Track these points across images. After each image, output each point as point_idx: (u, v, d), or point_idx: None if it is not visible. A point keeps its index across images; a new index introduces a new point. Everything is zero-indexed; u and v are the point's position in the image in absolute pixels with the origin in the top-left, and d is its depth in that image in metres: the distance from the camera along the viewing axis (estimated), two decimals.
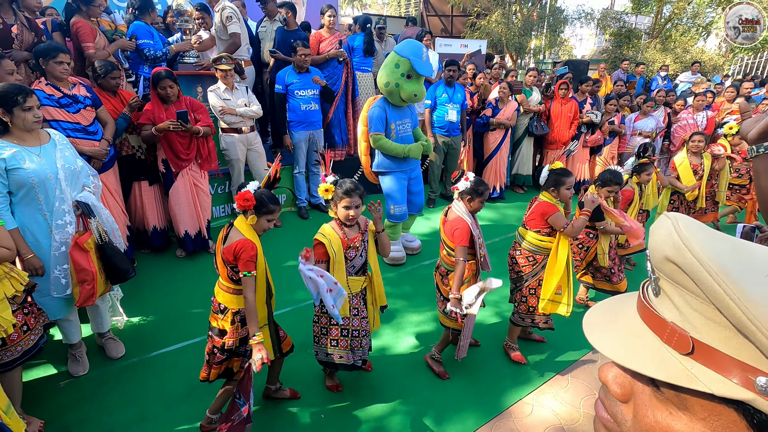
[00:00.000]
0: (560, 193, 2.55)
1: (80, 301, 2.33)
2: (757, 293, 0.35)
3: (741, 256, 0.38)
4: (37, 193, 2.24)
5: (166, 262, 3.84)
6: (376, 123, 3.58)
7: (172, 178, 3.62)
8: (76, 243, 2.27)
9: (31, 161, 2.21)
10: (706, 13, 13.71)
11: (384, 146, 3.60)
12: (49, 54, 2.81)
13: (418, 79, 3.54)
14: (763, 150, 1.01)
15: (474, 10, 12.92)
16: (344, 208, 2.13)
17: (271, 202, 2.00)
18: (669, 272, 0.40)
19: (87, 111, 3.07)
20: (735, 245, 0.39)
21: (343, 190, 2.12)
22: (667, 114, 6.22)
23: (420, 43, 3.57)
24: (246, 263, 1.92)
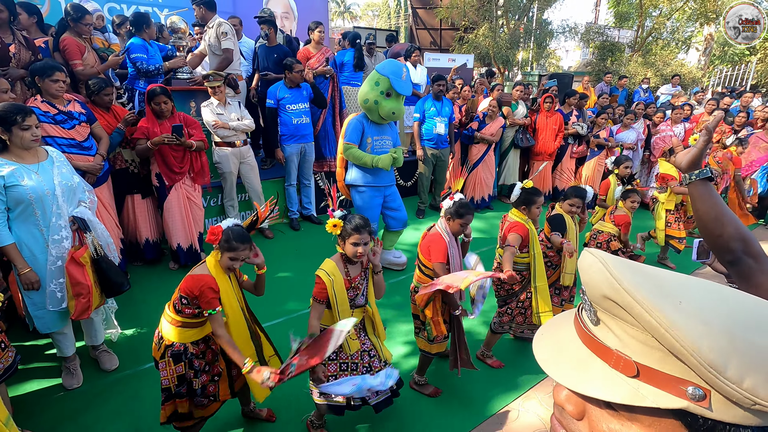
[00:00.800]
0: (530, 212, 2.64)
1: (76, 314, 2.37)
2: (679, 319, 0.42)
3: (656, 285, 0.45)
4: (35, 209, 2.29)
5: (159, 274, 3.88)
6: (350, 132, 3.64)
7: (165, 192, 3.68)
8: (72, 257, 2.33)
9: (29, 178, 2.26)
10: (685, 28, 14.19)
11: (353, 154, 3.63)
12: (45, 72, 2.88)
13: (397, 97, 3.60)
14: (694, 177, 1.12)
15: (462, 24, 13.22)
16: (353, 245, 2.03)
17: (236, 240, 1.90)
18: (607, 307, 0.47)
19: (82, 127, 3.14)
20: (648, 275, 0.47)
21: (353, 226, 2.03)
22: (647, 126, 6.44)
23: (400, 63, 3.65)
24: (208, 302, 1.85)
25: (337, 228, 2.07)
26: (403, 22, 30.68)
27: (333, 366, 2.15)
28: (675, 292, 0.45)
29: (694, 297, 0.44)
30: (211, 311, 1.86)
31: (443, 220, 2.46)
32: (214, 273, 1.92)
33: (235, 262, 1.93)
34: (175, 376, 1.97)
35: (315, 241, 4.59)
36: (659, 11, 13.60)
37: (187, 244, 3.82)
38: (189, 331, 1.97)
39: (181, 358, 1.96)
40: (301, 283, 3.84)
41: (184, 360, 1.98)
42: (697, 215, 1.11)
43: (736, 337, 0.41)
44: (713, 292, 0.46)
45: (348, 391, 2.02)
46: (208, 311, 1.85)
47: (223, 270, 1.95)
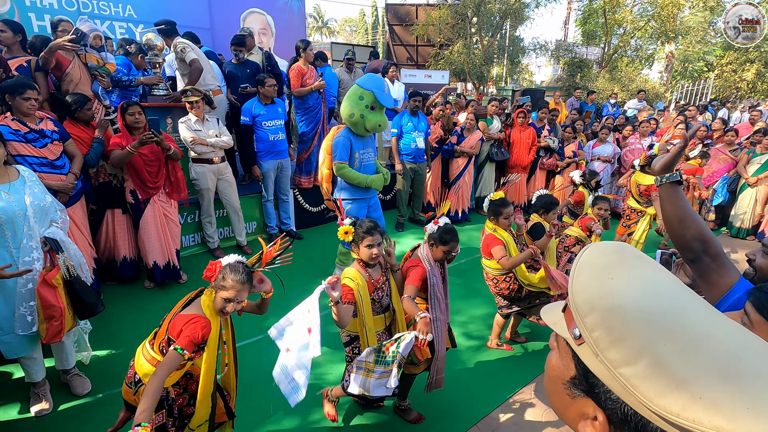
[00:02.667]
0: (499, 222, 2.77)
1: (48, 338, 2.30)
2: (586, 281, 0.53)
3: (606, 264, 0.55)
4: (5, 231, 2.23)
5: (134, 293, 3.79)
6: (341, 151, 3.68)
7: (140, 208, 3.62)
8: (44, 279, 2.26)
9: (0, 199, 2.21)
10: (647, 46, 14.96)
11: (347, 175, 3.69)
12: (16, 90, 2.82)
13: (381, 110, 3.71)
14: (665, 180, 1.21)
15: (438, 40, 13.57)
16: (367, 247, 2.07)
17: (233, 280, 1.72)
18: None
19: (54, 145, 3.07)
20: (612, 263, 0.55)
21: (364, 229, 2.08)
22: (616, 140, 6.72)
23: (381, 78, 3.77)
24: (186, 341, 1.62)
25: (349, 234, 2.11)
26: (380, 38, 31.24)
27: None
28: (616, 271, 0.52)
29: (628, 276, 0.51)
30: (178, 348, 1.60)
31: (426, 246, 2.35)
32: (207, 315, 1.72)
33: (228, 304, 1.72)
34: (153, 427, 1.71)
35: (294, 257, 4.56)
36: (623, 30, 14.30)
37: (164, 262, 3.76)
38: (173, 374, 1.72)
39: (162, 405, 1.77)
40: (282, 299, 3.80)
41: (165, 407, 1.78)
42: (664, 215, 1.20)
43: (608, 300, 0.49)
44: (652, 280, 0.51)
45: (380, 393, 2.01)
46: (176, 347, 1.60)
47: (215, 312, 1.75)
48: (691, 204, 4.90)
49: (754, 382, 0.41)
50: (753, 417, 0.39)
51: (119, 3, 6.42)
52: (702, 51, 15.87)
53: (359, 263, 2.15)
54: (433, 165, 5.85)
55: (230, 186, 4.31)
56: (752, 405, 0.40)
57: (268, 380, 2.85)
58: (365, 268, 2.14)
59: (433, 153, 5.78)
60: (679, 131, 6.66)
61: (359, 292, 2.08)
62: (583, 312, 0.51)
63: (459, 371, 3.00)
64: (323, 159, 3.88)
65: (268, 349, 3.17)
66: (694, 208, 5.01)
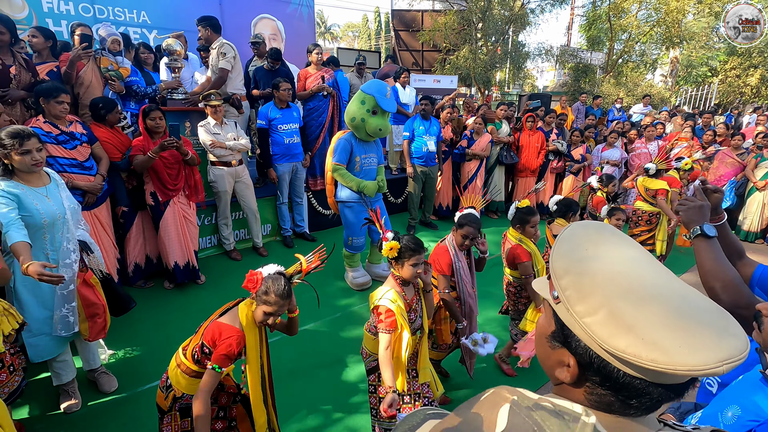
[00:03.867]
0: (525, 231, 2.73)
1: (93, 335, 2.36)
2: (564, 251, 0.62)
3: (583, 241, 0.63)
4: (45, 233, 2.26)
5: (155, 294, 3.84)
6: (339, 153, 3.76)
7: (160, 210, 3.69)
8: (84, 279, 2.32)
9: (42, 202, 2.24)
10: (652, 51, 15.05)
11: (342, 176, 3.77)
12: (51, 94, 2.90)
13: (383, 114, 3.75)
14: (688, 236, 1.26)
15: (444, 46, 13.68)
16: (412, 266, 1.96)
17: (277, 294, 1.68)
18: None
19: (83, 147, 3.16)
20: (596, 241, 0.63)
21: (412, 247, 1.96)
22: (624, 144, 6.78)
23: (384, 82, 3.82)
24: (221, 358, 1.63)
25: (394, 251, 1.97)
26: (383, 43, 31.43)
27: (407, 397, 2.08)
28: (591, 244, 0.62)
29: (602, 248, 0.61)
30: (215, 366, 1.62)
31: (452, 232, 2.51)
32: (244, 325, 1.71)
33: (269, 317, 1.71)
34: (179, 430, 1.76)
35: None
36: (628, 35, 14.40)
37: (183, 262, 3.82)
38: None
39: (189, 413, 1.75)
40: (296, 300, 3.87)
41: (190, 416, 1.75)
42: (699, 267, 1.23)
43: (580, 266, 0.59)
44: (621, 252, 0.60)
45: None
46: (213, 365, 1.62)
47: (255, 323, 1.74)
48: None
49: (689, 328, 0.51)
50: (684, 353, 0.50)
51: (134, 9, 6.52)
52: (706, 56, 15.95)
53: (396, 281, 2.01)
54: (444, 168, 5.91)
55: (248, 188, 4.38)
56: (684, 344, 0.50)
57: (289, 378, 2.91)
58: (402, 287, 2.02)
59: (443, 156, 5.84)
60: (686, 134, 6.72)
61: (401, 316, 1.94)
62: (560, 275, 0.61)
63: (475, 370, 3.05)
64: (328, 162, 3.94)
65: (288, 347, 3.23)
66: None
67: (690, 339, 0.51)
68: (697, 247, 1.22)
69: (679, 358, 0.50)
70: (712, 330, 0.51)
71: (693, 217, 1.24)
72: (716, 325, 0.52)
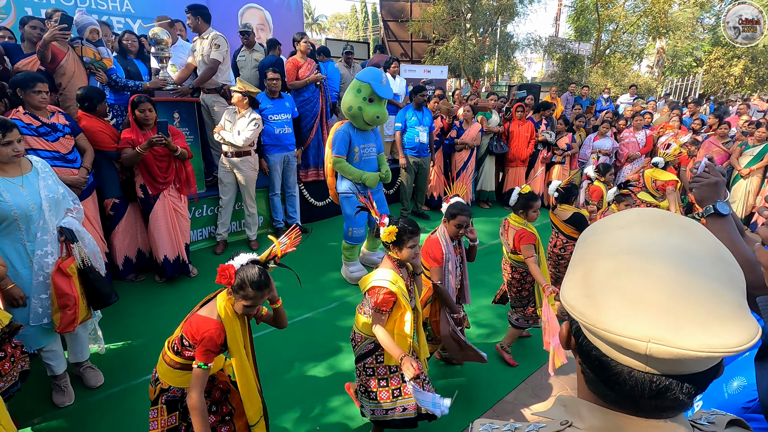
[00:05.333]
0: (528, 216, 2.77)
1: (61, 327, 2.31)
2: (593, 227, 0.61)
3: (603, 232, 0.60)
4: (19, 224, 2.21)
5: (146, 287, 3.79)
6: (338, 145, 3.72)
7: (150, 203, 3.62)
8: (59, 268, 2.26)
9: (13, 192, 2.19)
10: (638, 41, 15.17)
11: (343, 169, 3.74)
12: (28, 84, 2.82)
13: (380, 102, 3.72)
14: (698, 215, 1.22)
15: (432, 36, 13.61)
16: (411, 248, 1.99)
17: (252, 287, 1.61)
18: None
19: (66, 139, 3.07)
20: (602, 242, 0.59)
21: (410, 230, 1.98)
22: (613, 133, 6.84)
23: (379, 69, 3.78)
24: (203, 353, 1.60)
25: (392, 235, 1.98)
26: (371, 34, 31.15)
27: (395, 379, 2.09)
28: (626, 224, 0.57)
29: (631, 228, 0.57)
30: (201, 364, 1.60)
31: (442, 225, 2.52)
32: (223, 317, 1.67)
33: (250, 309, 1.68)
34: (165, 429, 1.73)
35: (301, 250, 4.59)
36: (615, 25, 14.48)
37: (173, 256, 3.77)
38: (188, 374, 1.70)
39: (176, 407, 1.75)
40: (290, 291, 3.85)
41: (179, 409, 1.76)
42: None
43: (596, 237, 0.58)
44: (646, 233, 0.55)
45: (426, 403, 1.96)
46: (198, 363, 1.61)
47: (235, 314, 1.70)
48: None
49: (636, 299, 0.49)
50: (612, 317, 0.49)
51: None
52: (691, 46, 16.12)
53: (393, 263, 2.03)
54: (435, 158, 5.91)
55: (244, 181, 4.35)
56: (618, 309, 0.49)
57: (284, 369, 2.90)
58: (399, 269, 2.04)
59: (434, 146, 5.83)
60: (674, 122, 6.80)
61: (403, 297, 1.96)
62: (578, 245, 0.61)
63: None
64: (327, 154, 3.91)
65: (283, 338, 3.22)
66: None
67: (624, 306, 0.48)
68: (710, 226, 1.16)
69: (603, 316, 0.49)
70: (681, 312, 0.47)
71: (706, 194, 1.19)
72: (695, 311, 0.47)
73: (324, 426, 2.47)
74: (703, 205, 1.20)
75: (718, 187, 1.19)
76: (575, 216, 3.17)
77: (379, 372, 2.07)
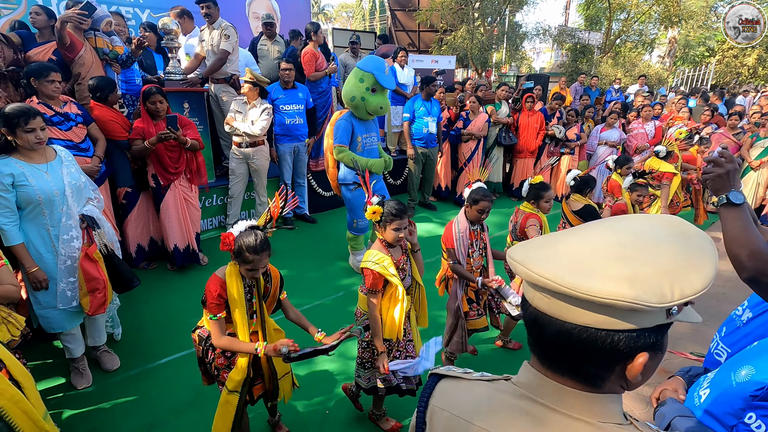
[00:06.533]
0: (539, 206, 2.79)
1: (92, 310, 2.39)
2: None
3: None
4: (43, 209, 2.30)
5: (158, 275, 3.87)
6: (341, 135, 3.65)
7: (161, 193, 3.68)
8: (86, 254, 2.34)
9: (38, 178, 2.27)
10: (649, 30, 14.91)
11: (347, 157, 3.66)
12: (41, 73, 2.86)
13: (383, 92, 3.66)
14: (713, 205, 1.23)
15: (440, 26, 13.47)
16: (394, 230, 2.06)
17: (249, 251, 1.74)
18: None
19: (78, 128, 3.13)
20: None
21: (393, 212, 2.06)
22: (621, 124, 6.78)
23: (382, 59, 3.71)
24: (211, 306, 1.81)
25: (377, 214, 2.07)
26: (378, 23, 30.83)
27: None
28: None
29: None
30: (211, 316, 1.82)
31: (464, 208, 2.56)
32: (227, 273, 1.84)
33: (255, 272, 1.81)
34: (200, 350, 2.02)
35: (310, 240, 4.66)
36: (627, 14, 14.24)
37: (183, 245, 3.83)
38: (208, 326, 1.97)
39: (202, 343, 2.00)
40: (298, 280, 3.92)
41: (204, 346, 2.00)
42: (724, 236, 1.18)
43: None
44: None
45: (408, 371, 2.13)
46: (210, 316, 1.83)
47: (238, 274, 1.85)
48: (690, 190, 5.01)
49: (561, 255, 0.57)
50: (538, 265, 0.57)
51: None
52: (704, 36, 15.83)
53: (382, 243, 2.12)
54: (443, 149, 5.91)
55: (257, 172, 4.40)
56: (545, 259, 0.57)
57: None
58: (387, 249, 2.12)
59: (442, 137, 5.83)
60: (683, 114, 6.72)
61: (388, 270, 2.06)
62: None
63: (480, 349, 3.11)
64: (327, 145, 3.85)
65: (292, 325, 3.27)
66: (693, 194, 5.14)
67: (550, 259, 0.56)
68: (723, 216, 1.16)
69: (531, 266, 0.57)
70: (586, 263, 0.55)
71: (720, 184, 1.18)
72: (609, 263, 0.54)
73: (333, 410, 2.53)
74: (717, 195, 1.20)
75: (731, 176, 1.17)
76: (586, 208, 3.16)
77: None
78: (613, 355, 0.55)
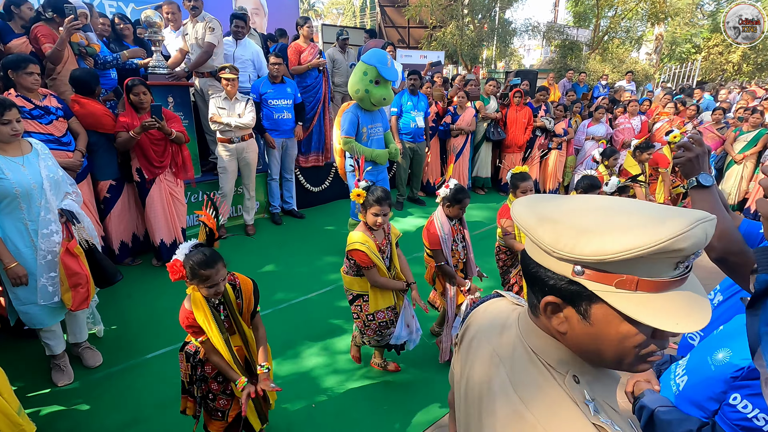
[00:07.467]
0: (516, 195, 2.83)
1: (75, 305, 2.35)
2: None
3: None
4: (20, 203, 2.25)
5: (143, 271, 3.82)
6: (347, 126, 3.85)
7: (146, 187, 3.62)
8: (67, 249, 2.30)
9: (15, 171, 2.22)
10: (637, 27, 15.05)
11: (353, 148, 3.86)
12: (20, 66, 2.80)
13: (386, 84, 3.84)
14: (684, 188, 1.27)
15: (430, 22, 13.45)
16: (373, 215, 2.23)
17: (201, 267, 1.63)
18: None
19: (59, 122, 3.06)
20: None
21: (375, 197, 2.22)
22: (609, 120, 6.84)
23: (384, 51, 3.86)
24: (193, 334, 1.81)
25: (361, 197, 2.24)
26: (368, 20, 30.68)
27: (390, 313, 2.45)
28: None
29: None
30: (193, 340, 1.87)
31: (440, 207, 2.60)
32: (192, 303, 1.73)
33: (216, 287, 1.70)
34: (186, 373, 1.91)
35: (297, 235, 4.64)
36: (614, 11, 14.35)
37: (170, 240, 3.78)
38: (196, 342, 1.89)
39: (189, 360, 1.90)
40: (287, 275, 3.90)
41: (192, 362, 1.90)
42: None
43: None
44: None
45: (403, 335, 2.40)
46: (199, 340, 1.81)
47: (207, 298, 1.74)
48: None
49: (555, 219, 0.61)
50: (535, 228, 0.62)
51: None
52: (689, 33, 16.02)
53: (364, 225, 2.30)
54: (431, 144, 5.91)
55: (247, 167, 4.35)
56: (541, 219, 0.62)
57: (283, 349, 2.95)
58: (369, 231, 2.29)
59: (430, 132, 5.83)
60: (669, 110, 6.80)
61: (372, 252, 2.24)
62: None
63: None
64: (336, 135, 4.01)
65: (280, 320, 3.27)
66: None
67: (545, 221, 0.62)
68: (693, 197, 1.21)
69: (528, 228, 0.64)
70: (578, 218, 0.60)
71: (689, 168, 1.23)
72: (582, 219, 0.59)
73: (319, 404, 2.53)
74: (687, 178, 1.24)
75: (700, 159, 1.21)
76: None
77: (363, 317, 2.46)
78: (537, 284, 0.65)
